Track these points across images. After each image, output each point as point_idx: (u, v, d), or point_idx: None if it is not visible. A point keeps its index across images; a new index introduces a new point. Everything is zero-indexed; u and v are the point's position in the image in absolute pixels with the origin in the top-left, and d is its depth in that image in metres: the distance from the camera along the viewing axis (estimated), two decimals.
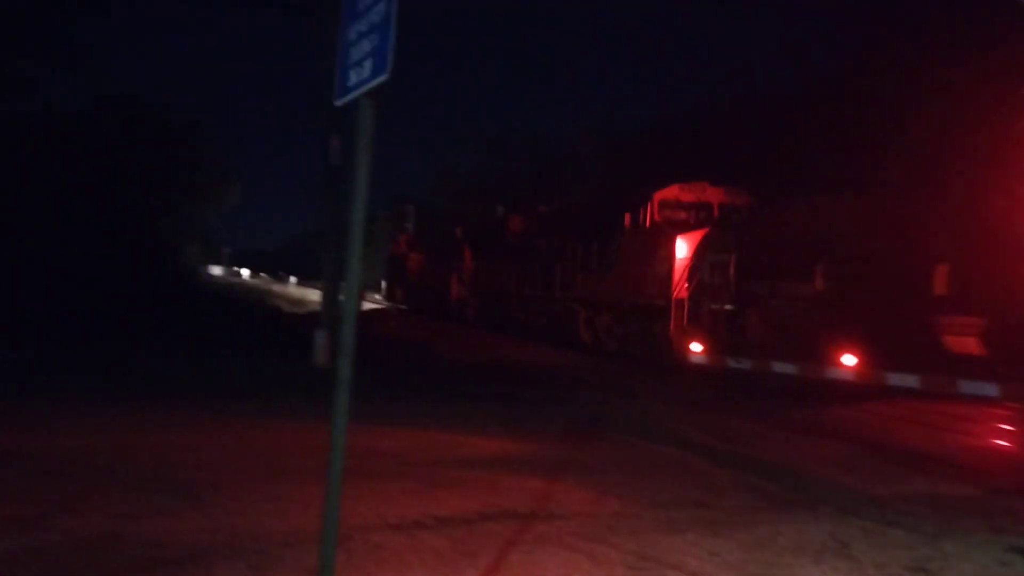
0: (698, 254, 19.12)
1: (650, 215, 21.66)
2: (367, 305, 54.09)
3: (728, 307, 18.00)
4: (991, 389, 13.83)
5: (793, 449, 10.85)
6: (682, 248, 19.68)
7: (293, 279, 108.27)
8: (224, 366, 17.73)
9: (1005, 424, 13.11)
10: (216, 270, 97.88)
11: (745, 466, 9.47)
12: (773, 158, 31.13)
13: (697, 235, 19.49)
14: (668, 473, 8.95)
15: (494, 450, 9.83)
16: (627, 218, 22.52)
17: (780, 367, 16.54)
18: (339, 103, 4.62)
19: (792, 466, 9.64)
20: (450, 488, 7.72)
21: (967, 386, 14.04)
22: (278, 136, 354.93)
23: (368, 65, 4.38)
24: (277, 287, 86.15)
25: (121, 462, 8.20)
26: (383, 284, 58.95)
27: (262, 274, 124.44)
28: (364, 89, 4.38)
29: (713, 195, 21.90)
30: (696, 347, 18.48)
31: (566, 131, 66.73)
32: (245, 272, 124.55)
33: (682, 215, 21.56)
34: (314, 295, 58.43)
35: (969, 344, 15.16)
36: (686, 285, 19.21)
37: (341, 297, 14.50)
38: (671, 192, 21.87)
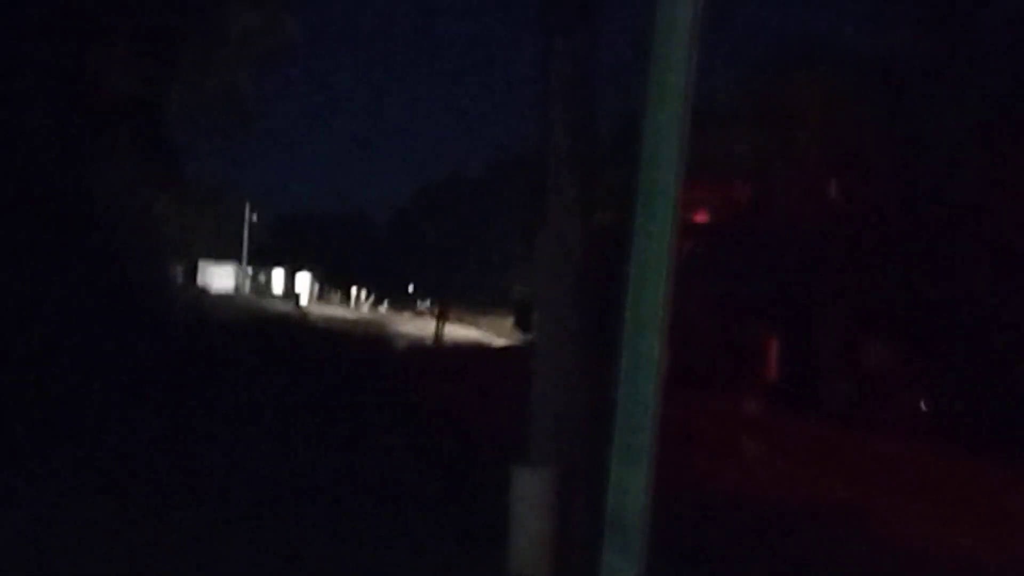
0: None
1: None
2: (463, 335, 33.56)
3: None
4: None
5: None
6: None
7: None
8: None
9: None
10: (223, 276, 48.63)
11: None
12: None
13: None
14: None
15: None
16: None
17: None
18: None
19: None
20: None
21: None
22: None
23: None
24: (411, 326, 37.56)
25: None
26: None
27: (370, 295, 58.17)
28: None
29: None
30: None
31: None
32: (304, 283, 57.50)
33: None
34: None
35: None
36: None
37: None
38: None
